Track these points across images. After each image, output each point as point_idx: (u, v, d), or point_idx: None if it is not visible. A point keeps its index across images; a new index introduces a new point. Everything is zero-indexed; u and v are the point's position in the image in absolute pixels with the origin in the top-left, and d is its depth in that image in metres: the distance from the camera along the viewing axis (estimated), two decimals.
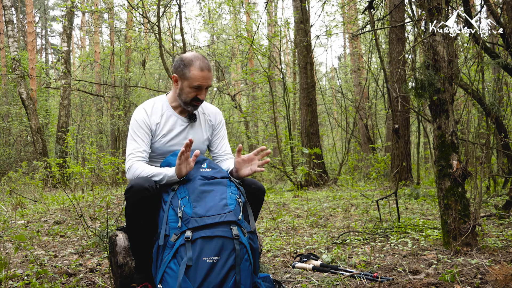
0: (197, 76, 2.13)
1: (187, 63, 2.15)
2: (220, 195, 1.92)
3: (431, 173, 12.82)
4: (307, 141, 9.92)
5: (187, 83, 2.16)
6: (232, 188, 2.00)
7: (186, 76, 2.15)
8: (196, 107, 2.24)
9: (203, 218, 1.81)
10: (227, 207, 1.87)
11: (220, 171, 2.10)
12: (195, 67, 2.13)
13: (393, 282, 2.14)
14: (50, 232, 4.09)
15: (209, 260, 1.74)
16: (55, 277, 2.46)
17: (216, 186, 1.98)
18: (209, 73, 2.15)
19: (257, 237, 2.00)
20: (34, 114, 11.66)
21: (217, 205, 1.87)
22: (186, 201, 1.88)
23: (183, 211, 1.85)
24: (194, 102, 2.20)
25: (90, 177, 7.73)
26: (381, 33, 11.92)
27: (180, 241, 1.78)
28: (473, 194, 3.09)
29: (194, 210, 1.84)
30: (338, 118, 17.58)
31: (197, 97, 2.18)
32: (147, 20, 8.64)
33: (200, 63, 2.14)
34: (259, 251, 2.05)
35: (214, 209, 1.85)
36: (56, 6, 30.03)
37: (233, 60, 15.58)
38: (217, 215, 1.83)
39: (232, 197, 1.94)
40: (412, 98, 2.95)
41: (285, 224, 4.36)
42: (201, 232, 1.78)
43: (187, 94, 2.18)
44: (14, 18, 16.24)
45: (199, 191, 1.93)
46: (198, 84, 2.14)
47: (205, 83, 2.16)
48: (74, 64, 21.64)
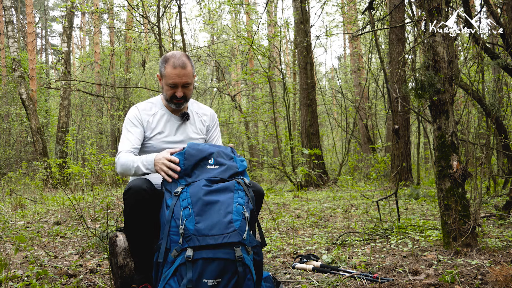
0: (170, 73, 2.14)
1: (164, 61, 2.18)
2: (225, 209, 1.80)
3: (431, 173, 12.82)
4: (307, 142, 9.92)
5: (164, 81, 2.19)
6: (240, 194, 1.88)
7: (162, 74, 2.19)
8: (178, 105, 2.24)
9: (205, 237, 1.74)
10: (231, 225, 1.78)
11: (229, 168, 1.95)
12: (169, 65, 2.14)
13: (393, 282, 2.13)
14: (50, 232, 4.08)
15: (210, 283, 1.71)
16: (55, 278, 2.46)
17: (222, 194, 1.85)
18: (182, 70, 2.13)
19: (265, 243, 1.96)
20: (34, 115, 11.66)
21: (221, 222, 1.77)
22: (188, 213, 1.79)
23: (185, 226, 1.76)
24: (174, 100, 2.21)
25: (90, 177, 7.72)
26: (381, 33, 11.91)
27: (180, 259, 1.74)
28: (473, 194, 3.10)
29: (197, 227, 1.76)
30: (338, 118, 17.58)
31: (174, 94, 2.19)
32: (147, 20, 8.64)
33: (175, 60, 2.13)
34: (263, 262, 2.00)
35: (218, 227, 1.76)
36: (56, 7, 30.07)
37: (233, 60, 15.58)
38: (220, 235, 1.74)
39: (238, 210, 1.82)
40: (412, 99, 2.95)
41: (285, 224, 4.35)
42: (203, 252, 1.73)
43: (166, 92, 2.21)
44: (14, 18, 16.24)
45: (203, 202, 1.81)
46: (172, 81, 2.15)
47: (180, 80, 2.15)
48: (74, 64, 21.64)
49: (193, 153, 1.93)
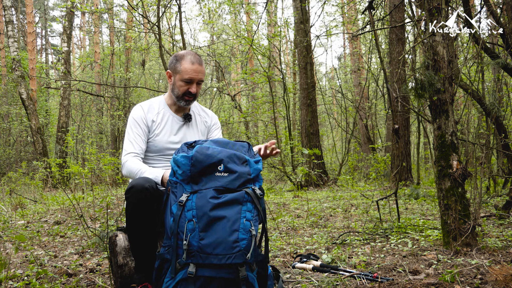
0: (188, 69, 2.19)
1: (179, 58, 2.23)
2: (231, 226, 1.73)
3: (431, 173, 12.82)
4: (307, 141, 9.92)
5: (179, 77, 2.22)
6: (248, 206, 1.79)
7: (177, 69, 2.22)
8: (188, 102, 2.26)
9: (209, 256, 1.70)
10: (237, 244, 1.71)
11: (240, 176, 1.84)
12: (186, 61, 2.20)
13: (393, 282, 2.14)
14: (50, 232, 4.09)
15: None
16: (55, 278, 2.46)
17: (229, 209, 1.76)
18: (199, 66, 2.20)
19: (268, 260, 1.91)
20: (34, 114, 11.66)
21: (227, 241, 1.70)
22: (192, 227, 1.73)
23: (189, 241, 1.72)
24: (186, 96, 2.24)
25: (90, 177, 7.73)
26: (381, 33, 11.92)
27: (183, 273, 1.72)
28: (473, 194, 3.10)
29: (201, 243, 1.71)
30: (338, 118, 17.58)
31: (188, 90, 2.22)
32: (147, 20, 8.64)
33: (191, 57, 2.21)
34: (268, 274, 1.96)
35: (222, 246, 1.70)
36: (56, 7, 30.05)
37: (233, 60, 15.58)
38: (225, 255, 1.69)
39: (246, 227, 1.75)
40: (412, 99, 2.95)
41: (285, 224, 4.36)
42: (205, 271, 1.71)
43: (179, 88, 2.23)
44: (14, 18, 16.24)
45: (208, 217, 1.73)
46: (189, 77, 2.20)
47: (196, 76, 2.20)
48: (74, 64, 21.63)
49: (201, 159, 1.82)
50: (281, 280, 2.12)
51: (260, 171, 1.91)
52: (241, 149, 1.95)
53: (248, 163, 1.88)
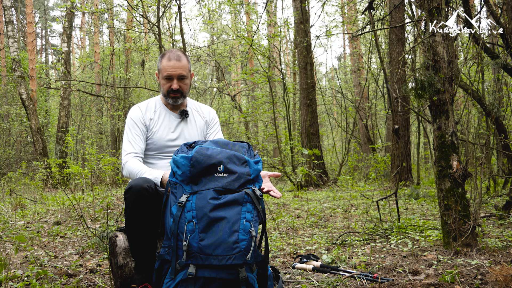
0: (165, 66, 2.23)
1: (161, 57, 2.29)
2: (231, 227, 1.73)
3: (431, 173, 12.82)
4: (307, 142, 9.92)
5: (161, 75, 2.28)
6: (248, 207, 1.79)
7: (159, 68, 2.29)
8: (175, 99, 2.28)
9: (209, 257, 1.70)
10: (237, 245, 1.71)
11: (240, 176, 1.83)
12: (165, 59, 2.25)
13: (393, 282, 2.13)
14: (50, 232, 4.08)
15: None
16: (55, 278, 2.46)
17: (229, 209, 1.76)
18: (177, 62, 2.22)
19: (268, 260, 1.91)
20: (34, 115, 11.66)
21: (227, 242, 1.70)
22: (192, 228, 1.73)
23: (188, 242, 1.72)
24: (171, 93, 2.27)
25: (90, 177, 7.72)
26: (381, 33, 11.92)
27: (183, 274, 1.72)
28: (473, 194, 3.10)
29: (201, 244, 1.71)
30: (338, 118, 17.58)
31: (171, 87, 2.25)
32: (147, 20, 8.64)
33: (170, 54, 2.25)
34: (268, 274, 1.96)
35: (222, 247, 1.70)
36: (56, 7, 30.05)
37: (233, 60, 15.58)
38: (225, 256, 1.69)
39: (246, 228, 1.74)
40: (412, 99, 2.95)
41: (285, 224, 4.35)
42: (205, 271, 1.71)
43: (163, 86, 2.29)
44: (14, 18, 16.24)
45: (208, 218, 1.73)
46: (167, 73, 2.24)
47: (174, 72, 2.23)
48: (74, 64, 21.62)
49: (200, 159, 1.81)
50: (281, 281, 2.12)
51: (260, 171, 1.90)
52: (241, 149, 1.95)
53: (248, 163, 1.87)
